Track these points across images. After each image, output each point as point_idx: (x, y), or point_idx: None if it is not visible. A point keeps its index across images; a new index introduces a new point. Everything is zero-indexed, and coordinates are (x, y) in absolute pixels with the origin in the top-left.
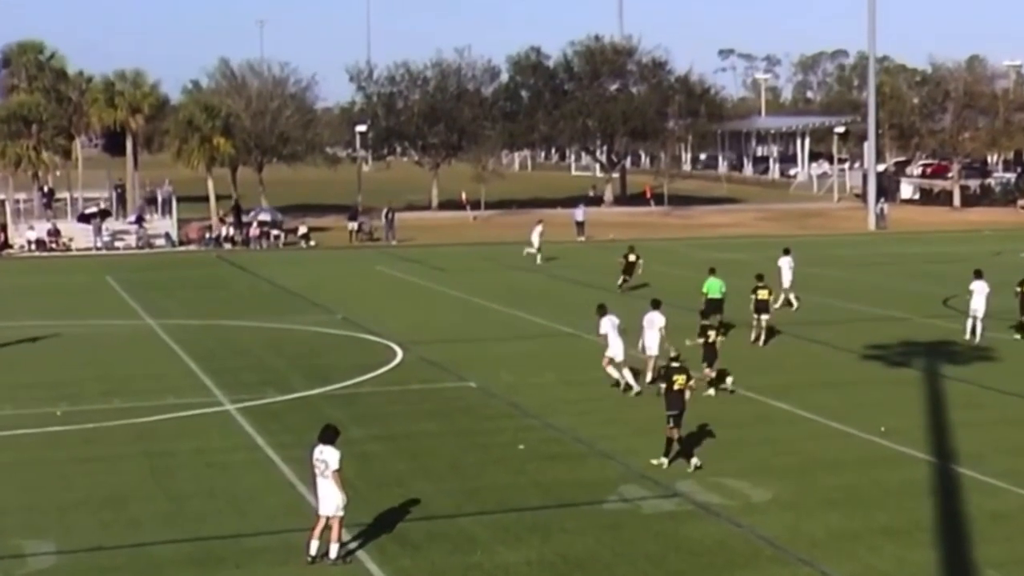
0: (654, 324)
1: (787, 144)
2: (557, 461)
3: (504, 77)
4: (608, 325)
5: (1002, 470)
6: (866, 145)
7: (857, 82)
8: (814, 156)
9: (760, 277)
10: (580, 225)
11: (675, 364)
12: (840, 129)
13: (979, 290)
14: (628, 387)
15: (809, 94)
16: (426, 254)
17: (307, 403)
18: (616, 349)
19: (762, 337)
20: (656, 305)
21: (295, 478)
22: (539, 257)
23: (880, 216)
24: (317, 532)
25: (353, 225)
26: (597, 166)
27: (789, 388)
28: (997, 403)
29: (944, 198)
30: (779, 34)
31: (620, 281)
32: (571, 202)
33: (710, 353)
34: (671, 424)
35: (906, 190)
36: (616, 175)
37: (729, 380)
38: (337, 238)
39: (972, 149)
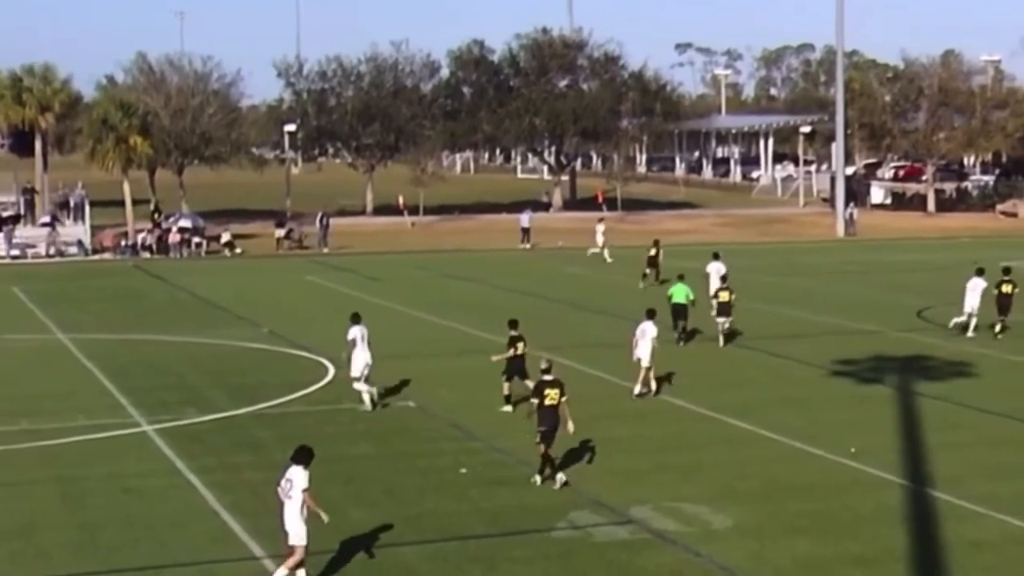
0: (647, 334)
1: (749, 145)
2: (502, 486)
3: (444, 73)
4: (357, 334)
5: (981, 495)
6: (834, 146)
7: (824, 78)
8: (778, 158)
9: (724, 279)
10: (525, 231)
11: (547, 378)
12: (806, 129)
13: (975, 287)
14: (365, 402)
15: (773, 91)
16: (360, 263)
17: (231, 424)
18: (358, 362)
19: (722, 339)
20: (651, 315)
21: (218, 505)
22: (607, 254)
23: (849, 222)
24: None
25: (281, 232)
26: (545, 168)
27: (752, 406)
28: (975, 422)
29: (918, 203)
30: (740, 27)
31: (642, 276)
32: (517, 207)
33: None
34: (538, 440)
35: (877, 194)
36: (565, 178)
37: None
38: (263, 246)
39: (947, 150)
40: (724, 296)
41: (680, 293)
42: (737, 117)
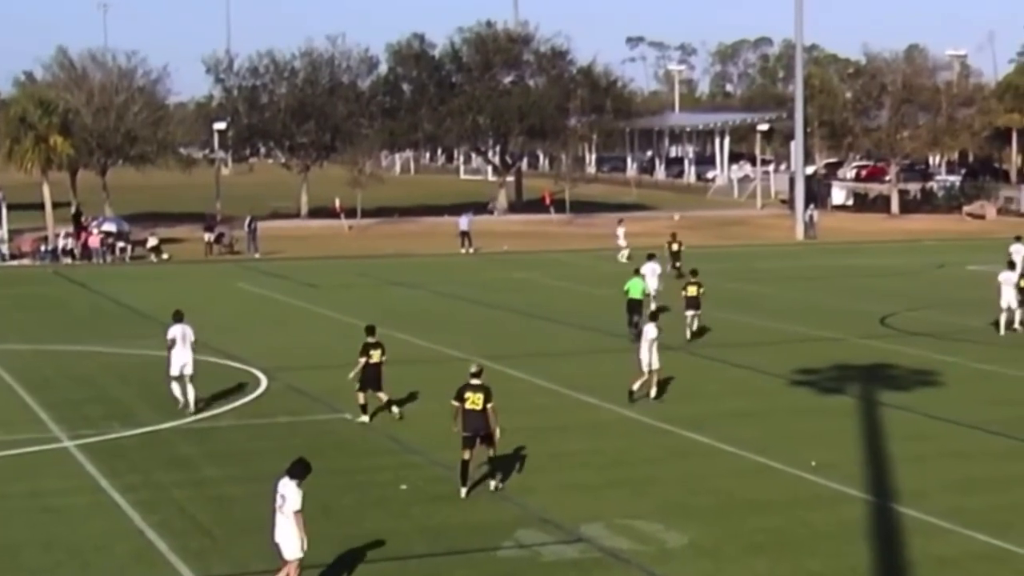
0: (647, 336)
1: (704, 144)
2: (445, 502)
3: (383, 68)
4: (177, 332)
5: (947, 509)
6: (793, 145)
7: (783, 74)
8: (734, 157)
9: (694, 272)
10: (465, 235)
11: (474, 382)
12: (763, 127)
13: (1007, 281)
14: (186, 405)
15: (729, 87)
16: (294, 268)
17: (157, 438)
18: (176, 362)
19: (692, 328)
20: (652, 318)
21: (144, 524)
22: (624, 256)
23: (809, 224)
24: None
25: (210, 236)
26: (489, 169)
27: (708, 418)
28: (941, 433)
29: (881, 204)
30: (695, 20)
31: (670, 267)
32: (459, 209)
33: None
34: (463, 445)
35: (838, 195)
36: (511, 179)
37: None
38: (192, 251)
39: (912, 149)
40: (692, 291)
41: (636, 288)
42: (691, 115)
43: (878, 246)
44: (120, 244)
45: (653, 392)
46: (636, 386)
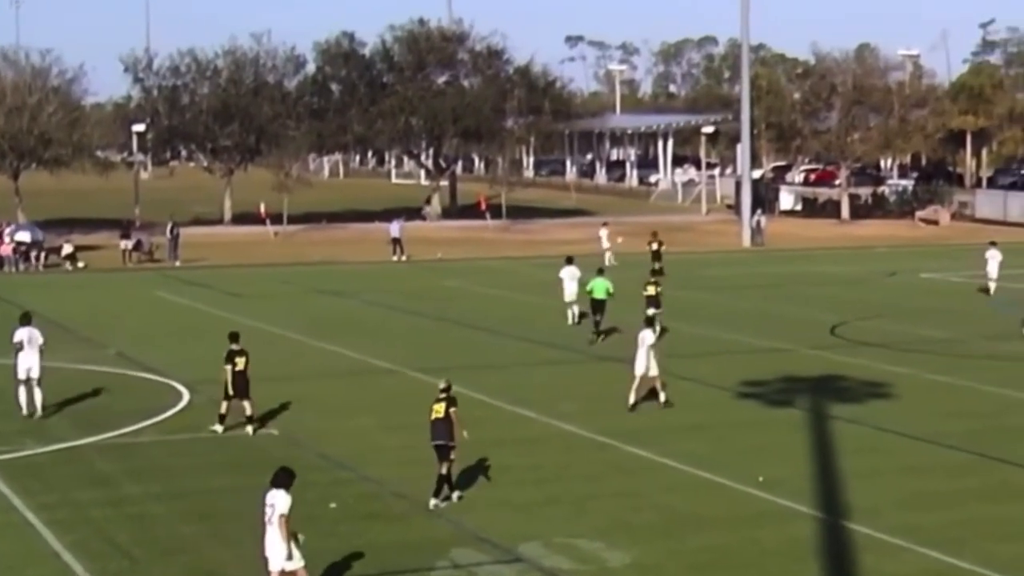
0: (644, 342)
1: (647, 147)
2: (376, 521)
3: (311, 68)
4: (24, 336)
5: (900, 526)
6: (739, 148)
7: (728, 74)
8: (678, 161)
9: (653, 272)
10: (396, 242)
11: (441, 395)
12: (708, 129)
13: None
14: (33, 411)
15: (672, 88)
16: (217, 277)
17: (75, 455)
18: (22, 366)
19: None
20: (649, 323)
21: (59, 546)
22: (609, 258)
23: (756, 231)
24: None
25: (128, 243)
26: (422, 173)
27: (650, 431)
28: (893, 448)
29: (830, 209)
30: (636, 18)
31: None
32: (391, 215)
33: None
34: (439, 458)
35: (786, 200)
36: (445, 183)
37: None
38: (109, 259)
39: (863, 152)
40: (651, 290)
41: (600, 288)
42: (633, 116)
43: (828, 253)
44: (33, 252)
45: (663, 397)
46: (632, 397)
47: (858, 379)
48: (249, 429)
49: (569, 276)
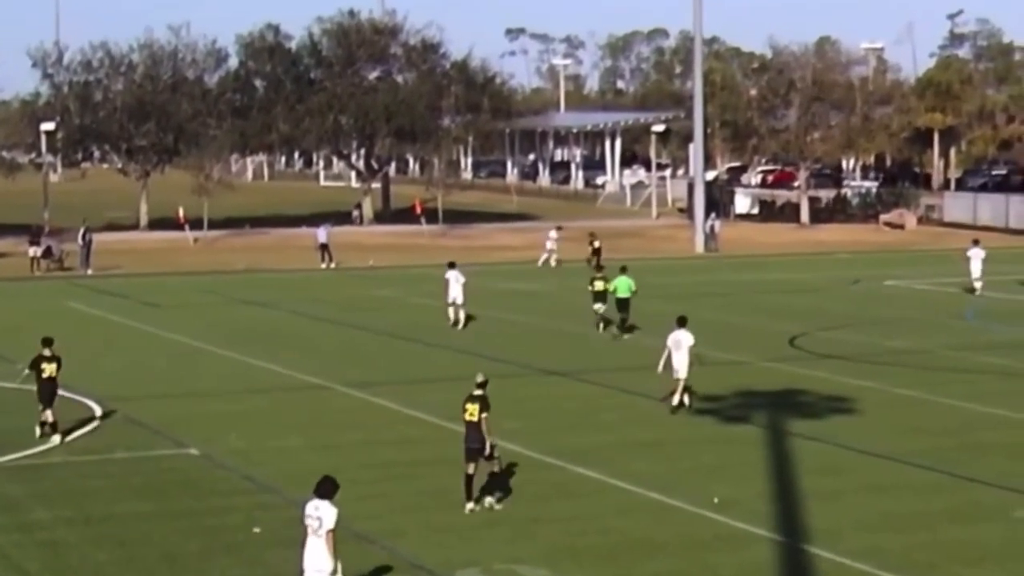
0: (682, 345)
1: (593, 146)
2: (303, 547)
3: (233, 62)
4: None
5: (862, 549)
6: (692, 147)
7: (680, 69)
8: (627, 161)
9: (600, 268)
10: (324, 248)
11: (475, 392)
12: (659, 128)
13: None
14: None
15: (620, 84)
16: (132, 286)
17: None
18: None
19: (602, 324)
20: (682, 323)
21: None
22: (551, 260)
23: (710, 236)
24: None
25: (36, 250)
26: (353, 174)
27: (598, 450)
28: (856, 466)
29: (789, 212)
30: (581, 9)
31: (593, 265)
32: (319, 220)
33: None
34: (465, 458)
35: (742, 203)
36: (377, 185)
37: None
38: (16, 266)
39: (823, 152)
40: (599, 285)
41: (623, 286)
42: (579, 114)
43: (787, 259)
44: None
45: (686, 400)
46: (676, 399)
47: (819, 393)
48: (56, 438)
49: (454, 279)
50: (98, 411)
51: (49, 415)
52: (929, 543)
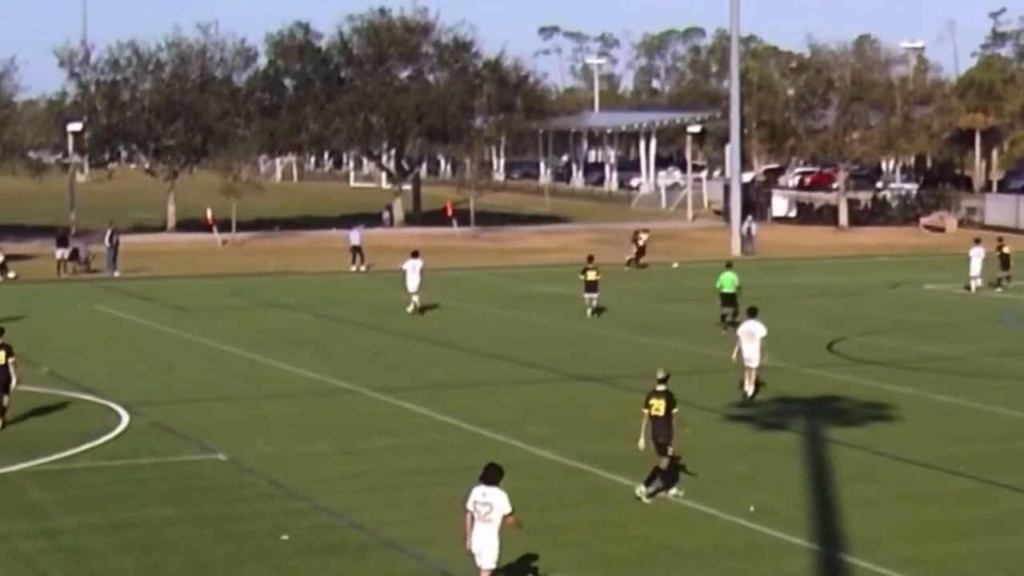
0: (754, 335)
1: (628, 147)
2: (331, 554)
3: (262, 61)
4: None
5: (900, 559)
6: (728, 148)
7: (716, 68)
8: (662, 162)
9: (591, 259)
10: (356, 251)
11: (658, 388)
12: (695, 128)
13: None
14: None
15: (655, 84)
16: (161, 289)
17: (4, 483)
18: None
19: (591, 308)
20: (753, 313)
21: None
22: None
23: (747, 238)
24: None
25: (63, 252)
26: (383, 175)
27: (629, 456)
28: (895, 474)
29: (827, 215)
30: (616, 7)
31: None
32: (349, 222)
33: None
34: (656, 452)
35: (779, 205)
36: (408, 187)
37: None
38: (43, 269)
39: (862, 153)
40: (592, 275)
41: (728, 282)
42: (613, 114)
43: (824, 263)
44: None
45: (751, 389)
46: (749, 388)
47: (857, 400)
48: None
49: (411, 269)
50: (125, 416)
51: (5, 399)
52: (968, 553)
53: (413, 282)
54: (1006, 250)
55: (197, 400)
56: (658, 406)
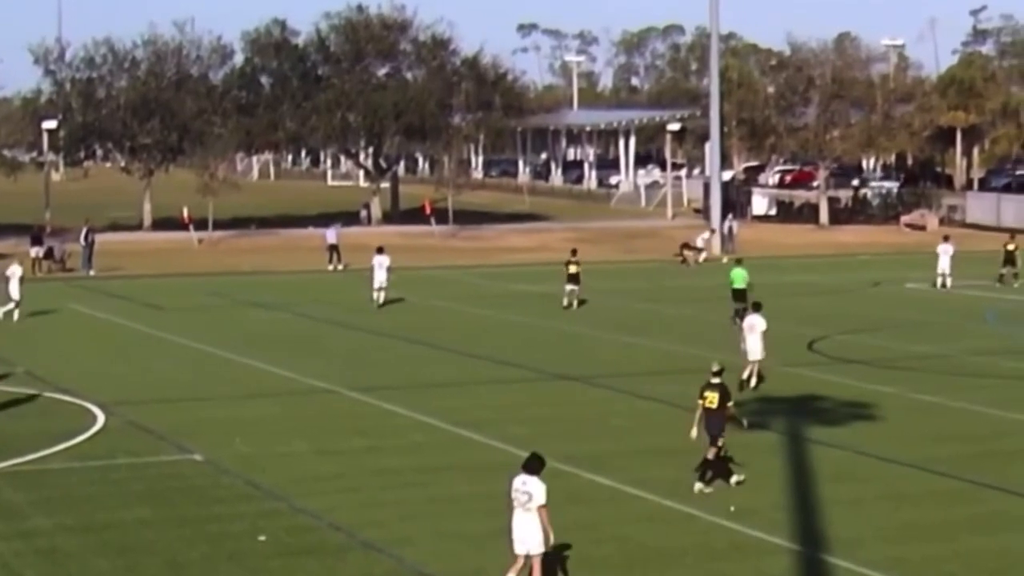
0: (755, 328)
1: (607, 145)
2: (310, 555)
3: (238, 59)
4: None
5: (883, 559)
6: (708, 146)
7: (696, 66)
8: (641, 160)
9: (574, 252)
10: (333, 249)
11: (713, 380)
12: (674, 126)
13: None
14: None
15: (635, 81)
16: (137, 288)
17: None
18: None
19: (574, 304)
20: (757, 308)
21: None
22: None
23: (727, 237)
24: (515, 573)
25: (38, 251)
26: (361, 173)
27: (611, 457)
28: (877, 474)
29: (808, 213)
30: (595, 5)
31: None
32: (327, 220)
33: None
34: (710, 443)
35: (759, 204)
36: (386, 185)
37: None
38: None
39: (843, 151)
40: (573, 268)
41: (739, 277)
42: (592, 112)
43: (805, 261)
44: None
45: (754, 381)
46: (746, 375)
47: (839, 399)
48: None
49: (378, 265)
50: (100, 416)
51: None
52: (952, 553)
53: (380, 278)
54: (1010, 247)
55: (173, 400)
56: (712, 398)
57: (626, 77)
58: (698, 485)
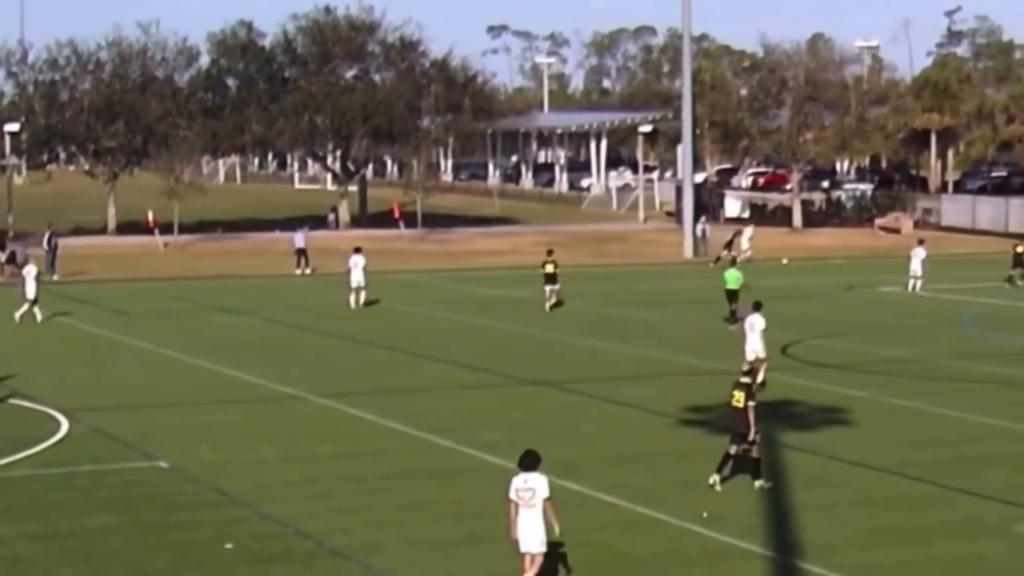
0: (755, 327)
1: (578, 148)
2: (276, 562)
3: (204, 61)
4: None
5: (856, 564)
6: (680, 149)
7: (668, 68)
8: (613, 163)
9: (550, 252)
10: (301, 253)
11: (741, 380)
12: (646, 128)
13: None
14: None
15: (606, 83)
16: (100, 293)
17: None
18: None
19: (551, 302)
20: (757, 307)
21: None
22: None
23: (699, 240)
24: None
25: (0, 256)
26: (329, 177)
27: (582, 463)
28: (850, 479)
29: (781, 216)
30: (565, 6)
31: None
32: (294, 224)
33: None
34: (730, 440)
35: (732, 206)
36: (354, 188)
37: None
38: None
39: (816, 154)
40: (550, 268)
41: (732, 278)
42: (563, 114)
43: (778, 265)
44: None
45: (762, 377)
46: (761, 378)
47: (812, 404)
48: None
49: (355, 264)
50: (64, 422)
51: None
52: (926, 559)
53: (358, 277)
54: (1020, 249)
55: (138, 406)
56: (738, 397)
57: (597, 79)
58: (714, 476)
